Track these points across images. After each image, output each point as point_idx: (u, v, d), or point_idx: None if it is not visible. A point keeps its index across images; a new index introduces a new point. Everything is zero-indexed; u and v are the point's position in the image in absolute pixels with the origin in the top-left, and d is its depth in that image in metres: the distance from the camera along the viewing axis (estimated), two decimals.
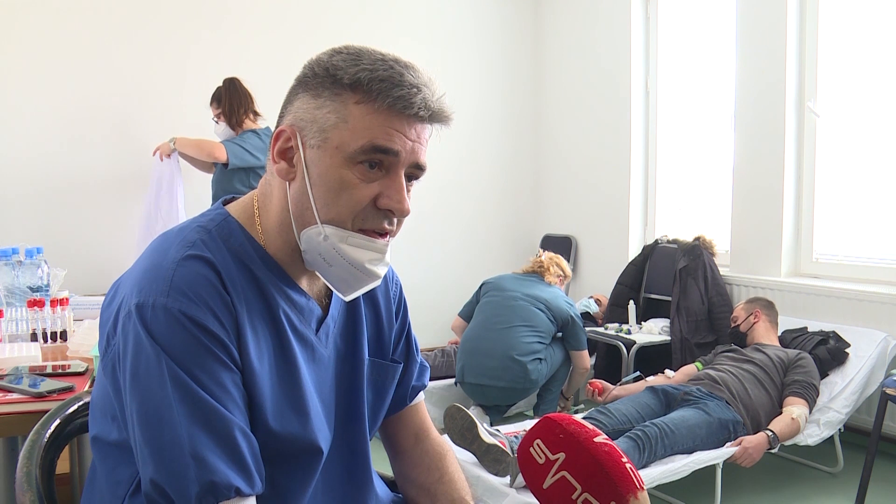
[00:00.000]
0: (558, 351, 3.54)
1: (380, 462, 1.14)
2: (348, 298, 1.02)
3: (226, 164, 3.56)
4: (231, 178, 3.61)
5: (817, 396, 2.92)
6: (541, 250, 3.93)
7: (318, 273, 0.99)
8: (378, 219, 0.94)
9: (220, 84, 3.66)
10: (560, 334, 3.57)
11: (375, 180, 0.93)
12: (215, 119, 3.66)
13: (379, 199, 0.93)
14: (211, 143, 3.59)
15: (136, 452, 0.88)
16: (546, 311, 3.49)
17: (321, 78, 0.93)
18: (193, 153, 3.63)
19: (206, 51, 4.07)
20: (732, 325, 3.29)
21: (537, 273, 3.70)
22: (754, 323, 3.20)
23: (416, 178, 0.98)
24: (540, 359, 3.43)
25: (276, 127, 0.97)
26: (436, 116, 0.94)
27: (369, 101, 0.91)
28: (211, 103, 3.68)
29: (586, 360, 3.65)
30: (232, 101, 3.62)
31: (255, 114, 3.69)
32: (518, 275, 3.74)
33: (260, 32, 4.18)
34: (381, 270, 0.98)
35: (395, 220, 0.96)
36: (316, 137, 0.92)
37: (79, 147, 3.85)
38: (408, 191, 0.96)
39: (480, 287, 3.75)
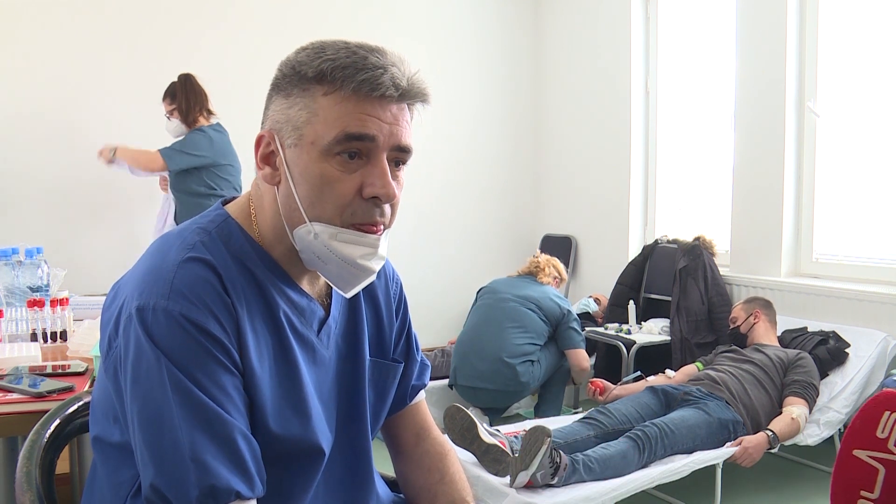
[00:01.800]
0: (555, 352, 3.53)
1: (381, 462, 1.14)
2: (348, 295, 1.01)
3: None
4: (185, 181, 3.55)
5: (817, 396, 2.92)
6: (538, 251, 3.92)
7: (317, 271, 0.99)
8: (368, 211, 0.93)
9: (175, 80, 3.58)
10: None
11: (357, 170, 0.91)
12: (167, 115, 3.59)
13: (363, 188, 0.92)
14: (146, 155, 3.52)
15: (136, 455, 0.87)
16: (537, 311, 3.48)
17: (289, 77, 0.92)
18: (131, 164, 3.56)
19: (206, 53, 4.07)
20: (731, 325, 3.28)
21: (532, 273, 3.69)
22: (754, 323, 3.20)
23: (403, 161, 0.96)
24: (532, 361, 3.41)
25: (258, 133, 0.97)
26: (408, 94, 0.92)
27: (335, 90, 0.90)
28: (164, 99, 3.60)
29: (581, 359, 3.54)
30: (189, 97, 3.55)
31: (210, 112, 3.63)
32: (512, 277, 3.72)
33: (258, 33, 4.18)
34: (376, 265, 0.96)
35: (387, 209, 0.94)
36: (292, 136, 0.92)
37: (79, 147, 3.84)
38: (396, 177, 0.94)
39: (477, 294, 3.74)
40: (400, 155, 0.95)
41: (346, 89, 0.89)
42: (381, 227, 0.95)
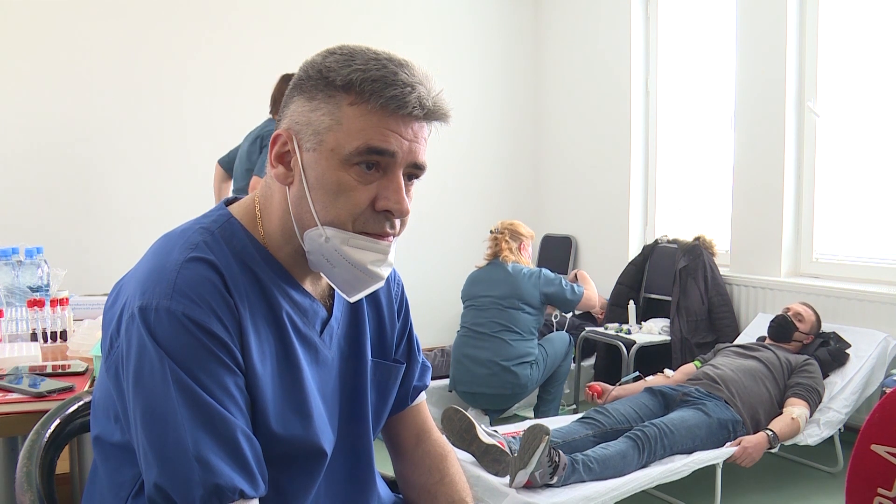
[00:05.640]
0: (552, 352, 3.52)
1: (381, 462, 1.14)
2: (353, 300, 1.01)
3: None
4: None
5: (819, 402, 2.91)
6: (494, 226, 3.72)
7: (322, 274, 0.99)
8: (378, 222, 0.94)
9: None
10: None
11: (373, 182, 0.92)
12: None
13: (377, 200, 0.92)
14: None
15: (139, 455, 0.87)
16: (520, 305, 3.45)
17: (315, 80, 0.92)
18: None
19: (209, 52, 4.07)
20: (796, 319, 3.15)
21: (496, 255, 3.60)
22: (808, 334, 3.15)
23: (416, 177, 0.97)
24: (530, 363, 3.41)
25: (274, 131, 0.97)
26: (432, 114, 0.93)
27: (362, 101, 0.90)
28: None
29: (590, 301, 3.60)
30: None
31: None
32: (481, 270, 3.63)
33: (259, 34, 4.18)
34: (385, 271, 0.97)
35: (396, 221, 0.95)
36: (311, 140, 0.92)
37: (79, 146, 3.85)
38: (408, 191, 0.95)
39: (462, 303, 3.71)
40: (414, 171, 0.96)
41: (373, 103, 0.90)
42: (391, 236, 0.96)
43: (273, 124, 3.44)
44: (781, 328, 3.14)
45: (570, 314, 4.08)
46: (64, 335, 1.85)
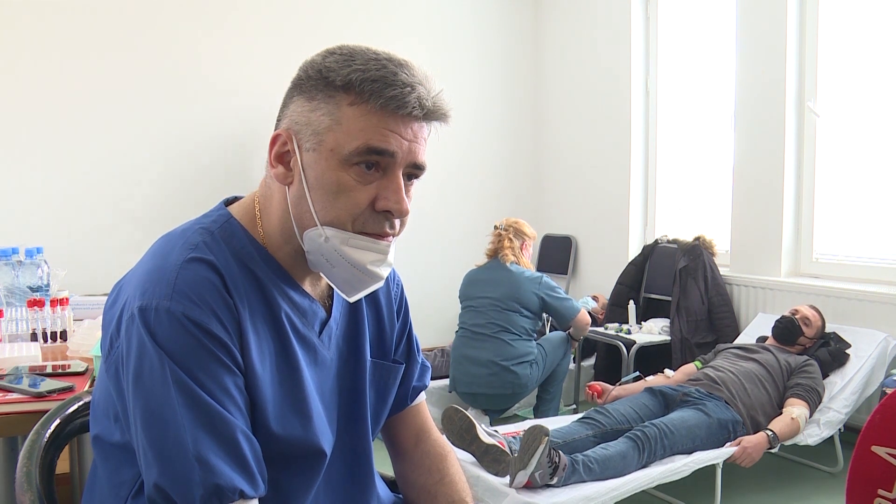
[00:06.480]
0: (551, 351, 3.52)
1: (380, 462, 1.14)
2: (352, 300, 1.01)
3: None
4: None
5: (819, 402, 2.91)
6: (497, 224, 3.71)
7: (322, 274, 0.99)
8: (378, 222, 0.94)
9: None
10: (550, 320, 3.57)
11: (373, 182, 0.92)
12: None
13: (377, 200, 0.92)
14: None
15: (139, 455, 0.88)
16: (518, 308, 3.45)
17: (315, 80, 0.92)
18: None
19: (208, 52, 4.07)
20: (803, 324, 3.14)
21: (496, 254, 3.58)
22: (812, 339, 3.15)
23: (416, 177, 0.97)
24: (529, 362, 3.41)
25: (274, 131, 0.97)
26: (432, 114, 0.94)
27: (362, 102, 0.90)
28: None
29: (582, 321, 3.57)
30: None
31: None
32: (480, 269, 3.63)
33: (259, 34, 4.17)
34: (384, 271, 0.97)
35: (396, 221, 0.96)
36: (311, 140, 0.92)
37: (78, 146, 3.85)
38: (407, 191, 0.95)
39: (460, 301, 3.70)
40: (414, 171, 0.96)
41: (373, 103, 0.90)
42: (391, 236, 0.96)
43: None
44: (787, 331, 3.13)
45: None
46: (64, 335, 1.85)
